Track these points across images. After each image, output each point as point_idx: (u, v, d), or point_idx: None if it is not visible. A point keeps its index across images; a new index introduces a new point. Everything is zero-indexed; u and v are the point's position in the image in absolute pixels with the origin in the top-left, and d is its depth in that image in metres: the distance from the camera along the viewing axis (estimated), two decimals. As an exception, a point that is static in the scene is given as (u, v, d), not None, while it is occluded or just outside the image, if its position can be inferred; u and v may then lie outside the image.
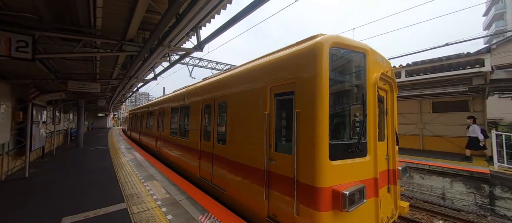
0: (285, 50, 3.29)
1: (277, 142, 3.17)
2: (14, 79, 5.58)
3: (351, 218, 2.59)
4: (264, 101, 3.32)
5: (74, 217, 3.65)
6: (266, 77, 3.39)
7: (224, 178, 4.32)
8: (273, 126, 3.20)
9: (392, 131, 3.54)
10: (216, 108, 4.88)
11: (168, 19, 2.90)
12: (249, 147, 3.63)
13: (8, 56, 2.75)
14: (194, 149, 5.74)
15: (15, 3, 2.49)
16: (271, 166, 3.15)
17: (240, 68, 4.38)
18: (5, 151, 5.65)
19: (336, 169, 2.54)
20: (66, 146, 12.94)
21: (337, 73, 2.88)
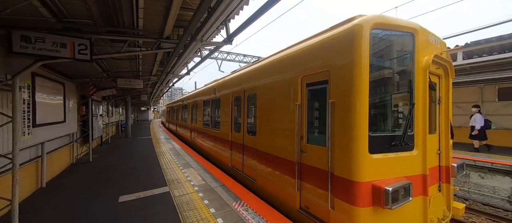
0: (318, 37, 3.08)
1: (309, 133, 3.08)
2: (77, 78, 6.58)
3: (395, 216, 2.40)
4: (295, 92, 3.25)
5: (128, 196, 4.22)
6: (297, 67, 3.28)
7: (254, 168, 4.40)
8: (304, 117, 3.12)
9: (446, 122, 3.13)
10: (246, 100, 4.95)
11: (201, 13, 2.99)
12: (279, 139, 3.63)
13: (73, 58, 3.24)
14: (225, 140, 5.96)
15: (76, 11, 2.89)
16: (303, 158, 3.11)
17: (269, 58, 4.33)
18: (74, 139, 6.80)
19: (376, 163, 2.36)
20: (118, 135, 14.93)
21: (380, 58, 2.59)
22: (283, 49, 4.04)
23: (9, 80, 2.90)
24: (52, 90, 4.98)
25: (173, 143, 10.89)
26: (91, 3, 2.69)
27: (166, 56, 6.01)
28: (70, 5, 2.75)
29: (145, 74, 8.13)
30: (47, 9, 2.58)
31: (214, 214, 3.39)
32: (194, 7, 3.57)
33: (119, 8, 2.75)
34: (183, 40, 3.69)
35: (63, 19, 2.92)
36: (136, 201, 4.00)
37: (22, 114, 3.69)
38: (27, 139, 3.87)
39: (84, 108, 7.44)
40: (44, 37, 3.02)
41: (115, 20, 3.17)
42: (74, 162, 6.88)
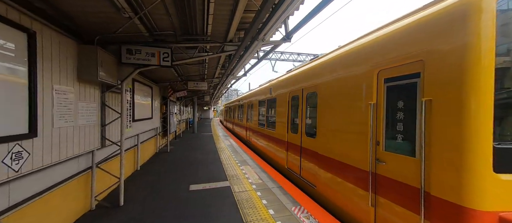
0: (404, 20, 2.53)
1: (388, 139, 2.56)
2: (160, 82, 8.01)
3: None
4: (368, 89, 2.78)
5: (197, 186, 4.73)
6: (371, 59, 2.81)
7: (314, 173, 4.10)
8: (381, 118, 2.61)
9: None
10: (304, 99, 4.70)
11: (264, 12, 2.99)
12: (347, 143, 3.20)
13: (159, 65, 3.89)
14: (281, 141, 5.84)
15: (162, 24, 3.44)
16: (379, 168, 2.59)
17: (333, 53, 3.93)
18: (157, 133, 8.30)
19: (506, 187, 1.69)
20: (186, 131, 17.40)
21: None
22: (350, 41, 3.57)
23: (119, 84, 3.74)
24: (144, 93, 6.21)
25: (231, 141, 11.71)
26: (173, 16, 3.12)
27: (227, 59, 6.46)
28: (159, 20, 3.28)
29: (209, 76, 9.05)
30: (143, 25, 3.16)
31: (274, 216, 3.31)
32: (255, 8, 3.65)
33: (193, 16, 3.06)
34: (245, 41, 3.81)
35: (153, 32, 3.52)
36: (203, 191, 4.43)
37: (126, 111, 4.75)
38: (129, 131, 4.94)
39: (164, 107, 8.99)
40: (140, 49, 3.75)
41: (190, 28, 3.57)
42: (157, 152, 8.42)
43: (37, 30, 2.22)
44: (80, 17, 2.87)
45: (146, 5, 2.68)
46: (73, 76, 2.85)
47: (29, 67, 2.11)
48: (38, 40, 2.23)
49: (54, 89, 2.48)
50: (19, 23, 2.02)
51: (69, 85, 2.76)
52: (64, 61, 2.68)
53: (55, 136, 2.47)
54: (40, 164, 2.27)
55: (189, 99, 15.87)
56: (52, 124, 2.43)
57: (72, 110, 2.79)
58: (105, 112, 3.73)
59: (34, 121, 2.14)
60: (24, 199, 2.21)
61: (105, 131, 3.72)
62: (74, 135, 2.86)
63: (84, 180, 3.35)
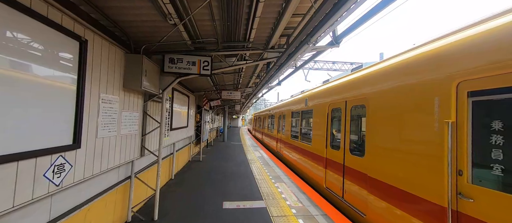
0: (502, 18, 1.97)
1: (476, 168, 2.01)
2: (196, 91, 8.15)
3: None
4: (443, 104, 2.28)
5: (231, 203, 4.34)
6: (448, 67, 2.29)
7: (363, 198, 3.51)
8: (465, 142, 2.07)
9: None
10: (349, 112, 4.20)
11: (320, 15, 2.59)
12: (411, 168, 2.63)
13: (199, 74, 3.75)
14: (318, 156, 5.36)
15: (205, 31, 3.29)
16: (464, 206, 2.04)
17: (390, 61, 3.33)
18: (191, 141, 8.38)
19: None
20: (217, 139, 17.64)
21: None
22: (416, 46, 2.95)
23: (160, 94, 3.69)
24: (182, 101, 6.27)
25: (261, 152, 11.26)
26: (217, 21, 2.92)
27: (264, 67, 6.17)
28: (202, 26, 3.13)
29: (243, 86, 8.92)
30: (187, 33, 3.04)
31: (326, 257, 2.68)
32: (303, 12, 3.27)
33: (239, 19, 2.81)
34: (291, 46, 3.41)
35: (196, 40, 3.40)
36: (237, 211, 4.01)
37: (165, 120, 4.75)
38: (166, 140, 4.92)
39: (198, 116, 9.12)
40: (182, 58, 3.66)
41: (232, 34, 3.34)
42: (190, 160, 8.46)
43: (89, 38, 2.19)
44: (130, 26, 2.87)
45: (192, 10, 2.50)
46: (119, 85, 2.82)
47: (78, 75, 2.06)
48: (89, 49, 2.19)
49: (101, 98, 2.43)
50: (73, 31, 1.98)
51: (115, 94, 2.72)
52: (112, 70, 2.65)
53: (98, 146, 2.39)
54: (82, 177, 2.16)
55: (221, 108, 16.15)
56: (96, 134, 2.35)
57: (115, 120, 2.73)
58: (146, 121, 3.69)
59: (79, 131, 2.04)
60: (64, 213, 2.10)
61: (145, 141, 3.66)
62: (116, 145, 2.78)
63: (122, 191, 3.27)
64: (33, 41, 1.60)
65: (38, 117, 1.65)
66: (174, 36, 3.15)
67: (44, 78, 1.72)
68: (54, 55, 1.81)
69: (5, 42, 1.40)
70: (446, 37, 2.52)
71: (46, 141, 1.72)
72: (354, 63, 18.03)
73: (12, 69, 1.46)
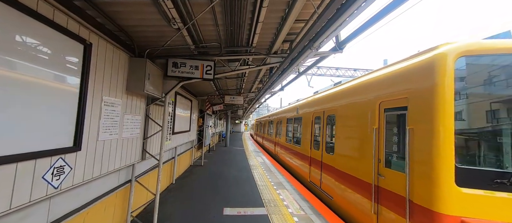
0: (400, 64, 3.16)
1: (387, 157, 3.10)
2: (199, 96, 8.18)
3: None
4: (372, 116, 3.34)
5: (231, 210, 4.26)
6: (375, 92, 3.42)
7: (332, 185, 4.54)
8: (382, 141, 3.15)
9: None
10: (325, 120, 5.23)
11: (322, 21, 2.59)
12: (356, 160, 3.74)
13: (201, 78, 3.76)
14: (305, 156, 6.36)
15: (209, 36, 3.31)
16: (380, 181, 3.10)
17: (349, 83, 4.59)
18: (193, 145, 8.36)
19: (468, 199, 2.12)
20: (219, 144, 17.57)
21: (477, 84, 2.45)
22: (362, 75, 4.25)
23: (163, 97, 3.70)
24: (184, 106, 6.30)
25: (263, 157, 11.15)
26: (220, 26, 2.94)
27: (267, 72, 6.18)
28: (206, 31, 3.16)
29: (246, 91, 8.93)
30: (191, 37, 3.07)
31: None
32: (306, 18, 3.27)
33: (242, 24, 2.82)
34: (294, 51, 3.41)
35: (199, 44, 3.42)
36: (238, 218, 3.93)
37: (167, 124, 4.75)
38: (168, 143, 4.91)
39: (201, 120, 9.12)
40: (185, 62, 3.68)
41: (235, 39, 3.36)
42: (191, 164, 8.41)
43: (93, 42, 2.22)
44: (134, 31, 2.91)
45: (195, 14, 2.53)
46: (122, 88, 2.83)
47: (81, 78, 2.07)
48: (93, 52, 2.22)
49: (103, 101, 2.43)
50: (78, 35, 2.00)
51: (117, 97, 2.74)
52: (115, 73, 2.67)
53: (98, 149, 2.38)
54: (81, 180, 2.14)
55: (224, 112, 16.17)
56: (97, 137, 2.35)
57: (117, 123, 2.73)
58: (148, 125, 3.69)
59: (80, 133, 2.04)
60: (63, 216, 2.08)
61: (146, 144, 3.65)
62: (117, 148, 2.77)
63: (122, 195, 3.24)
64: (37, 43, 1.63)
65: (39, 118, 1.66)
66: (178, 41, 3.18)
67: (46, 80, 1.73)
68: (58, 57, 1.83)
69: (7, 43, 1.41)
70: (375, 72, 3.70)
71: (46, 143, 1.71)
72: (357, 70, 17.96)
73: (13, 70, 1.47)
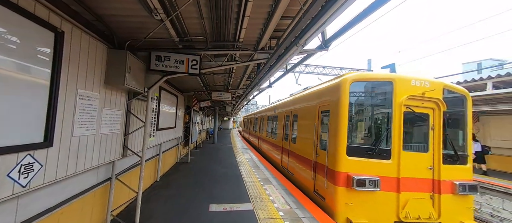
0: (328, 83, 4.79)
1: (321, 143, 4.58)
2: (185, 92, 7.98)
3: (363, 196, 3.60)
4: (316, 115, 4.84)
5: (217, 206, 4.24)
6: (317, 99, 5.00)
7: (292, 165, 6.18)
8: (319, 132, 4.68)
9: (438, 145, 3.82)
10: (292, 118, 6.71)
11: (305, 20, 2.62)
12: (307, 146, 5.20)
13: (187, 73, 3.65)
14: (279, 146, 7.83)
15: (194, 29, 3.22)
16: (317, 158, 4.62)
17: (303, 92, 6.30)
18: (179, 142, 8.17)
19: (351, 163, 3.69)
20: (207, 141, 17.34)
21: (366, 97, 4.14)
22: (312, 86, 6.00)
23: (145, 92, 3.56)
24: (170, 101, 6.12)
25: (251, 154, 11.19)
26: (206, 19, 2.87)
27: (255, 69, 6.16)
28: (190, 24, 3.06)
29: (234, 87, 8.85)
30: (175, 30, 2.96)
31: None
32: (292, 15, 3.29)
33: (228, 18, 2.77)
34: (280, 48, 3.42)
35: (184, 38, 3.32)
36: (224, 214, 3.93)
37: (151, 120, 4.59)
38: (152, 140, 4.75)
39: (187, 117, 8.92)
40: (169, 56, 3.56)
41: (222, 33, 3.30)
42: (177, 162, 8.23)
43: (66, 30, 2.07)
44: (113, 21, 2.76)
45: (179, 6, 2.44)
46: (100, 82, 2.68)
47: (53, 69, 1.93)
48: (66, 42, 2.07)
49: (79, 94, 2.29)
50: (48, 22, 1.85)
51: (95, 91, 2.59)
52: (92, 66, 2.52)
53: (73, 145, 2.24)
54: (53, 178, 2.01)
55: (211, 109, 15.95)
56: (72, 132, 2.21)
57: (95, 118, 2.59)
58: (129, 120, 3.54)
59: (51, 128, 1.91)
60: (33, 216, 1.94)
61: (128, 140, 3.51)
62: (94, 145, 2.63)
63: (101, 193, 3.10)
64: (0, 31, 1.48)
65: (2, 112, 1.52)
66: (161, 33, 3.06)
67: (11, 70, 1.59)
68: (24, 46, 1.69)
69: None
70: (318, 85, 5.36)
71: (11, 138, 1.58)
72: (343, 68, 18.49)
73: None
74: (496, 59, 20.38)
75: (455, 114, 4.14)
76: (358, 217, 3.53)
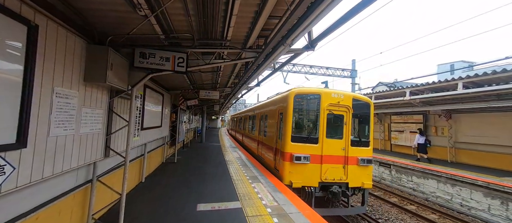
0: (281, 94, 6.88)
1: (279, 135, 6.18)
2: (171, 90, 7.78)
3: (300, 167, 5.51)
4: (277, 116, 6.54)
5: (205, 205, 4.21)
6: (277, 105, 6.78)
7: (264, 152, 7.97)
8: (278, 128, 6.37)
9: (348, 135, 5.77)
10: (264, 118, 8.41)
11: (293, 20, 2.67)
12: (272, 138, 6.98)
13: (173, 71, 3.57)
14: (256, 139, 9.74)
15: (180, 26, 3.15)
16: (276, 145, 6.37)
17: (270, 99, 8.51)
18: (165, 142, 7.96)
19: (294, 146, 5.55)
20: (194, 140, 17.04)
21: (303, 104, 6.02)
22: (275, 94, 8.40)
23: (129, 90, 3.44)
24: (155, 100, 5.94)
25: (239, 153, 11.17)
26: (192, 16, 2.82)
27: (243, 67, 6.16)
28: (176, 21, 2.99)
29: (222, 86, 8.77)
30: (160, 26, 2.88)
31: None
32: (279, 15, 3.33)
33: (215, 16, 2.75)
34: (268, 47, 3.45)
35: (170, 34, 3.24)
36: (212, 213, 3.91)
37: (135, 119, 4.43)
38: (136, 140, 4.60)
39: (174, 115, 8.71)
40: (155, 53, 3.45)
41: (209, 31, 3.26)
42: (164, 162, 8.02)
43: (40, 24, 1.94)
44: (94, 15, 2.62)
45: (164, 2, 2.38)
46: (79, 79, 2.55)
47: (26, 65, 1.80)
48: (40, 36, 1.94)
49: (55, 92, 2.16)
50: (19, 14, 1.73)
51: (73, 88, 2.45)
52: (70, 62, 2.39)
53: (50, 146, 2.12)
54: (28, 181, 1.89)
55: (199, 108, 15.68)
56: (48, 132, 2.08)
57: (74, 117, 2.45)
58: (111, 120, 3.40)
59: (25, 128, 1.79)
60: (6, 222, 1.81)
61: (110, 140, 3.37)
62: (74, 145, 2.50)
63: (81, 196, 2.95)
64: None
65: (-31, 110, 1.40)
66: (146, 29, 2.96)
67: (-22, 66, 1.46)
68: (-7, 39, 1.56)
69: None
70: (278, 94, 7.39)
71: (-21, 139, 1.46)
72: (330, 68, 19.03)
73: None
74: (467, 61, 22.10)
75: (364, 115, 6.08)
76: (296, 180, 5.48)
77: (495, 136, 8.82)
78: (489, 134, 9.02)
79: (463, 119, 10.03)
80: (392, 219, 6.57)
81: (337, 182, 5.55)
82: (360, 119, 6.07)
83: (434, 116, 11.26)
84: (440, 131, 11.05)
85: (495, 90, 6.90)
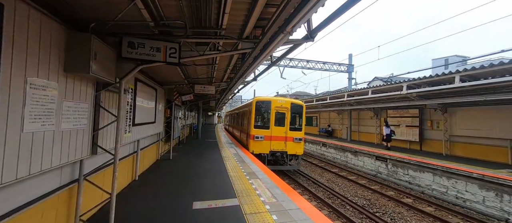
0: (250, 100, 11.49)
1: (254, 124, 9.63)
2: (165, 85, 7.50)
3: (258, 143, 9.36)
4: (250, 114, 9.77)
5: (201, 203, 4.06)
6: (247, 107, 11.10)
7: (243, 137, 11.51)
8: (249, 121, 9.89)
9: (288, 124, 9.57)
10: (241, 115, 12.63)
11: (291, 7, 2.47)
12: (246, 126, 10.70)
13: (165, 62, 3.33)
14: (240, 129, 13.22)
15: (171, 12, 2.91)
16: (248, 131, 9.84)
17: (247, 102, 12.99)
18: (160, 138, 7.72)
19: (255, 131, 9.42)
20: (190, 137, 16.80)
21: (262, 107, 9.75)
22: (249, 100, 13.26)
23: (117, 82, 3.19)
24: (148, 95, 5.68)
25: (236, 149, 11.02)
26: (184, 1, 2.59)
27: (239, 60, 5.93)
28: (167, 6, 2.76)
29: (217, 80, 8.53)
30: (149, 12, 2.64)
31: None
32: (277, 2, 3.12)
33: (209, 2, 2.52)
34: (266, 37, 3.25)
35: (160, 22, 2.99)
36: (209, 211, 3.76)
37: (125, 114, 4.19)
38: (128, 136, 4.37)
39: (168, 111, 8.45)
40: (144, 43, 3.20)
41: (203, 18, 3.04)
42: (158, 159, 7.80)
43: (7, 4, 1.69)
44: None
45: (152, -18, 2.15)
46: (58, 69, 2.30)
47: (-11, 50, 1.56)
48: (7, 19, 1.69)
49: (29, 83, 1.93)
50: (-22, -10, 1.48)
51: (51, 79, 2.21)
52: (47, 49, 2.14)
53: (24, 143, 1.90)
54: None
55: (194, 103, 15.39)
56: (22, 128, 1.86)
57: (53, 111, 2.22)
58: (99, 115, 3.17)
59: (-9, 123, 1.56)
60: (-27, 230, 1.61)
61: (98, 137, 3.14)
62: (55, 142, 2.28)
63: (66, 197, 2.75)
64: None
65: None
66: (133, 15, 2.72)
67: None
68: None
69: None
70: (250, 100, 11.89)
71: None
72: (326, 63, 18.90)
73: None
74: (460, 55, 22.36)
75: (298, 112, 10.00)
76: (256, 150, 9.28)
77: (489, 129, 8.90)
78: (484, 127, 9.10)
79: (458, 113, 10.10)
80: (389, 212, 6.57)
81: (280, 151, 9.45)
82: (296, 115, 9.93)
83: (430, 110, 11.32)
84: (435, 124, 11.13)
85: (492, 83, 6.89)
